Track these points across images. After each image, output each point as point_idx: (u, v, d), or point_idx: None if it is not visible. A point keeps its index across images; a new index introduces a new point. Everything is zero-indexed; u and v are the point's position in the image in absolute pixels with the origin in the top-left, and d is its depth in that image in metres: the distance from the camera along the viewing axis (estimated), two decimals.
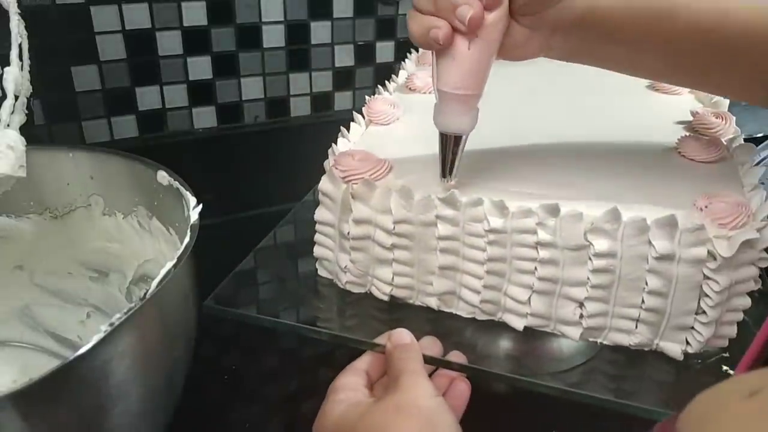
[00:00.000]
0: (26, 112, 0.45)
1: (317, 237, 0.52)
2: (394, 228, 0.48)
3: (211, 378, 0.56)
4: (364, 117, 0.59)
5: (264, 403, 0.55)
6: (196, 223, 0.42)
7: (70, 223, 0.54)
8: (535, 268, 0.46)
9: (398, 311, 0.52)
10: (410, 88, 0.66)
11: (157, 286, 0.35)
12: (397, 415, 0.36)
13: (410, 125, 0.59)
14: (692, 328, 0.46)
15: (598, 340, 0.49)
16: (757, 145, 0.86)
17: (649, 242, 0.43)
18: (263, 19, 0.79)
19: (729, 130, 0.56)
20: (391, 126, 0.59)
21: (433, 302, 0.51)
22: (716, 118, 0.57)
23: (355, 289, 0.53)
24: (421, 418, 0.35)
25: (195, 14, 0.75)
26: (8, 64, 0.44)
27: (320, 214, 0.51)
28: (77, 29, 0.70)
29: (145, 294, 0.35)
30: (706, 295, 0.44)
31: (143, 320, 0.35)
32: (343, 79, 0.87)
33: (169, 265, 0.37)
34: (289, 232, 0.58)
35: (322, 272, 0.54)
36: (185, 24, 0.75)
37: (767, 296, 0.48)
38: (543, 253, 0.45)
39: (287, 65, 0.83)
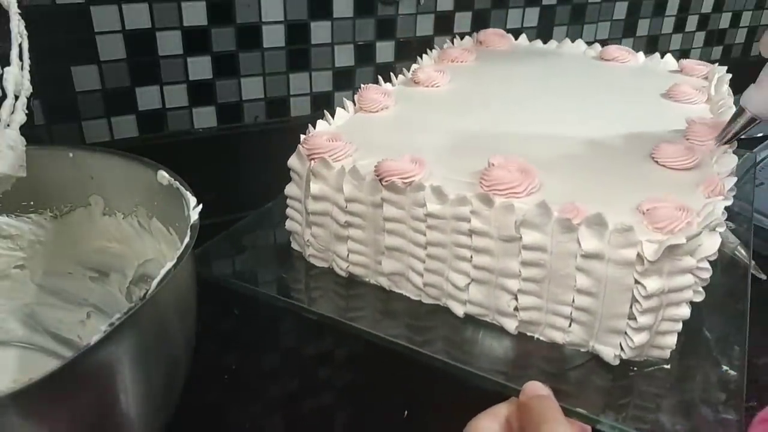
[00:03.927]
0: (26, 112, 0.45)
1: (288, 211, 0.57)
2: (346, 206, 0.51)
3: (211, 378, 0.56)
4: (354, 104, 0.62)
5: (264, 403, 0.55)
6: (196, 223, 0.42)
7: (70, 223, 0.54)
8: (471, 257, 0.48)
9: (355, 288, 0.55)
10: (414, 81, 0.68)
11: (157, 286, 0.35)
12: None
13: (397, 114, 0.62)
14: (626, 333, 0.45)
15: (535, 335, 0.50)
16: (756, 146, 0.87)
17: (578, 240, 0.43)
18: (263, 19, 0.79)
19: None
20: (379, 113, 0.61)
21: (385, 282, 0.55)
22: (710, 127, 0.56)
23: (318, 263, 0.57)
24: None
25: (195, 14, 0.75)
26: (8, 64, 0.44)
27: (289, 189, 0.55)
28: (77, 29, 0.70)
29: (145, 294, 0.35)
30: (637, 300, 0.43)
31: (143, 320, 0.35)
32: (343, 79, 0.87)
33: (169, 265, 0.37)
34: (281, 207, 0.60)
35: (294, 245, 0.59)
36: (185, 24, 0.75)
37: None
38: (477, 242, 0.47)
39: (287, 65, 0.83)
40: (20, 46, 0.44)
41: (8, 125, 0.45)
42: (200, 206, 0.43)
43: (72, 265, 0.55)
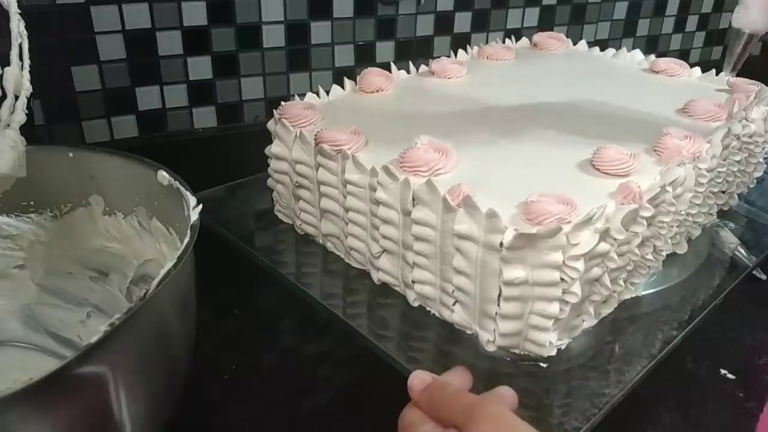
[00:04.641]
0: (26, 112, 0.45)
1: (269, 170, 0.63)
2: (295, 167, 0.58)
3: (211, 378, 0.56)
4: (356, 83, 0.67)
5: (264, 403, 0.55)
6: (196, 223, 0.42)
7: (70, 223, 0.54)
8: (379, 227, 0.52)
9: (308, 246, 0.63)
10: (431, 72, 0.72)
11: (157, 286, 0.35)
12: None
13: (389, 99, 0.66)
14: (495, 319, 0.47)
15: (431, 311, 0.53)
16: None
17: (454, 220, 0.45)
18: (263, 19, 0.79)
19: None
20: (373, 95, 0.66)
21: (328, 244, 0.61)
22: (683, 139, 0.55)
23: (284, 219, 0.65)
24: None
25: (195, 14, 0.75)
26: (8, 64, 0.44)
27: (268, 148, 0.61)
28: (77, 29, 0.70)
29: (145, 294, 0.35)
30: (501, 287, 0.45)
31: (143, 320, 0.35)
32: (343, 79, 0.87)
33: (169, 265, 0.37)
34: None
35: (276, 201, 0.66)
36: (185, 24, 0.75)
37: None
38: (383, 212, 0.51)
39: (287, 65, 0.83)
40: (20, 46, 0.44)
41: (8, 125, 0.45)
42: (200, 206, 0.43)
43: (72, 265, 0.55)
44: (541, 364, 0.48)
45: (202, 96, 0.80)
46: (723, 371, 0.59)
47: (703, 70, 0.74)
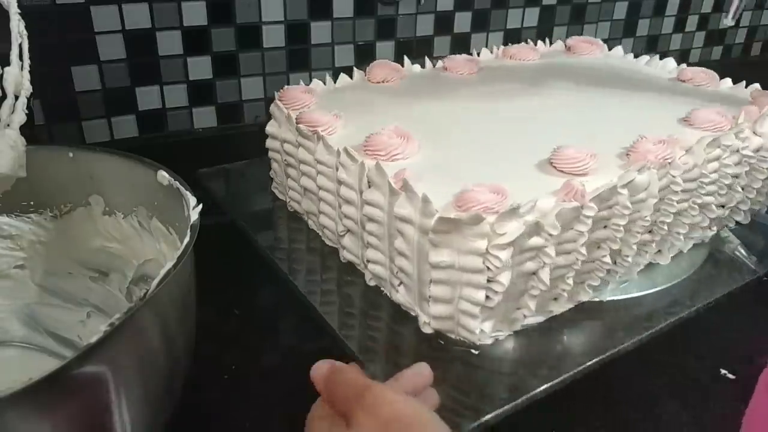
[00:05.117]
0: (26, 112, 0.45)
1: (267, 148, 0.66)
2: (282, 146, 0.61)
3: (211, 378, 0.56)
4: (365, 74, 0.71)
5: (264, 403, 0.55)
6: (196, 223, 0.42)
7: (70, 223, 0.54)
8: (342, 206, 0.54)
9: (297, 223, 0.66)
10: (444, 67, 0.74)
11: (157, 286, 0.35)
12: None
13: (394, 89, 0.68)
14: (428, 302, 0.49)
15: (384, 291, 0.54)
16: None
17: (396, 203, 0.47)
18: (263, 19, 0.79)
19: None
20: (381, 84, 0.69)
21: (309, 221, 0.64)
22: (656, 144, 0.55)
23: (280, 196, 0.69)
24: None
25: (195, 14, 0.75)
26: (8, 64, 0.44)
27: (267, 127, 0.64)
28: (77, 29, 0.70)
29: (145, 294, 0.35)
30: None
31: (143, 320, 0.35)
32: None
33: (169, 265, 0.37)
34: None
35: (272, 178, 0.69)
36: (185, 24, 0.75)
37: None
38: (344, 192, 0.53)
39: (287, 65, 0.83)
40: (20, 46, 0.44)
41: (8, 125, 0.45)
42: (200, 206, 0.43)
43: (72, 265, 0.55)
44: (473, 351, 0.48)
45: (202, 96, 0.80)
46: (723, 371, 0.59)
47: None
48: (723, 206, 0.61)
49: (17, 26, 0.44)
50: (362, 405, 0.33)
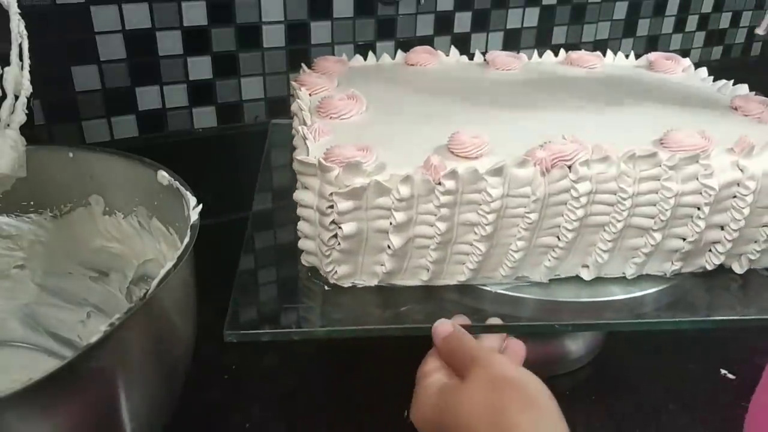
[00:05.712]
0: (26, 112, 0.45)
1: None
2: (293, 118, 0.61)
3: (211, 378, 0.56)
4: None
5: (264, 403, 0.55)
6: (196, 223, 0.42)
7: (70, 223, 0.54)
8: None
9: None
10: (486, 60, 0.73)
11: (157, 286, 0.35)
12: (494, 391, 0.39)
13: (427, 72, 0.70)
14: None
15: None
16: None
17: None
18: (263, 19, 0.79)
19: None
20: (413, 67, 0.71)
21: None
22: (568, 143, 0.52)
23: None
24: (516, 387, 0.39)
25: (195, 14, 0.75)
26: (8, 64, 0.44)
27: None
28: (77, 29, 0.70)
29: (145, 294, 0.35)
30: None
31: (143, 320, 0.35)
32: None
33: (169, 265, 0.37)
34: None
35: None
36: (185, 24, 0.75)
37: None
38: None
39: (287, 65, 0.83)
40: (20, 46, 0.44)
41: (8, 125, 0.45)
42: (200, 206, 0.43)
43: (72, 265, 0.55)
44: (326, 287, 0.52)
45: (202, 96, 0.80)
46: (723, 371, 0.59)
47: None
48: (684, 239, 0.53)
49: (17, 26, 0.44)
50: (477, 364, 0.40)
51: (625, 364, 0.61)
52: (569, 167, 0.49)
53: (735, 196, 0.52)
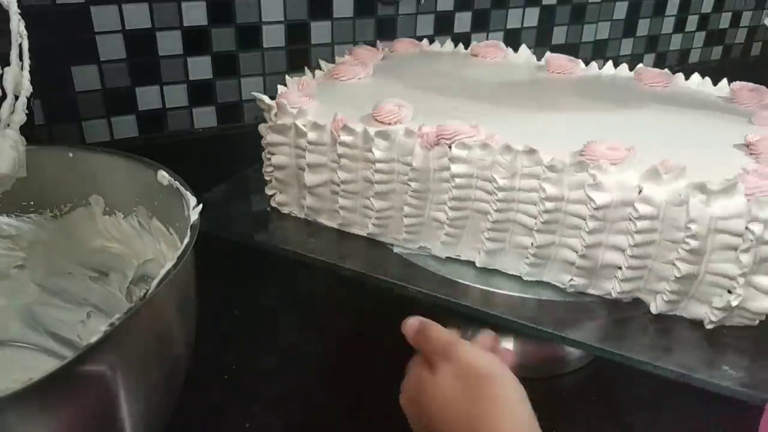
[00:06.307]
0: (26, 112, 0.45)
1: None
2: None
3: (210, 377, 0.56)
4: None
5: (264, 403, 0.55)
6: (196, 223, 0.42)
7: (70, 223, 0.54)
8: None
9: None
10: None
11: (157, 286, 0.35)
12: (461, 381, 0.39)
13: (473, 64, 0.73)
14: None
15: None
16: None
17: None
18: (263, 19, 0.79)
19: None
20: (474, 58, 0.74)
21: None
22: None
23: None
24: (482, 377, 0.39)
25: (195, 14, 0.75)
26: (8, 64, 0.44)
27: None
28: (77, 29, 0.70)
29: (145, 294, 0.35)
30: None
31: (143, 320, 0.35)
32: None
33: (169, 265, 0.37)
34: None
35: None
36: (185, 24, 0.75)
37: None
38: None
39: (287, 65, 0.83)
40: (20, 46, 0.44)
41: (8, 125, 0.45)
42: (200, 206, 0.43)
43: (72, 265, 0.55)
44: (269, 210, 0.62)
45: (202, 96, 0.80)
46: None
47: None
48: (577, 252, 0.50)
49: (17, 26, 0.44)
50: (445, 356, 0.40)
51: (625, 364, 0.61)
52: (450, 147, 0.52)
53: (630, 219, 0.48)
